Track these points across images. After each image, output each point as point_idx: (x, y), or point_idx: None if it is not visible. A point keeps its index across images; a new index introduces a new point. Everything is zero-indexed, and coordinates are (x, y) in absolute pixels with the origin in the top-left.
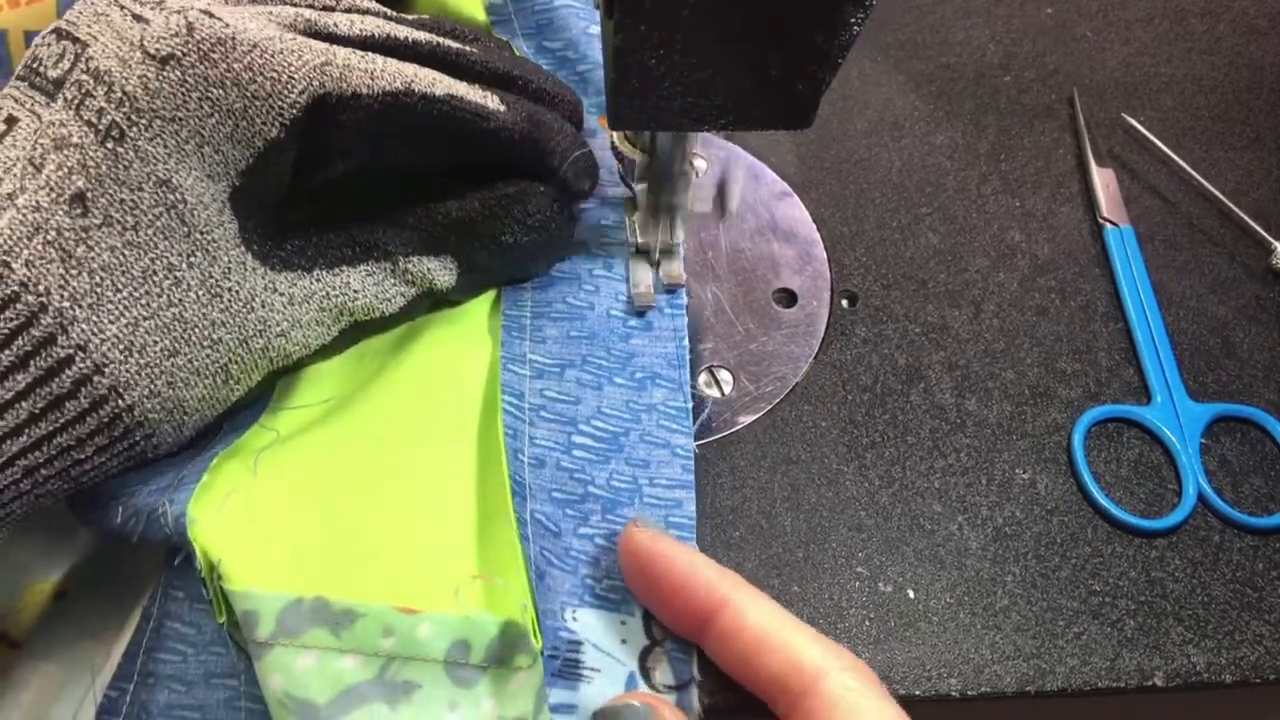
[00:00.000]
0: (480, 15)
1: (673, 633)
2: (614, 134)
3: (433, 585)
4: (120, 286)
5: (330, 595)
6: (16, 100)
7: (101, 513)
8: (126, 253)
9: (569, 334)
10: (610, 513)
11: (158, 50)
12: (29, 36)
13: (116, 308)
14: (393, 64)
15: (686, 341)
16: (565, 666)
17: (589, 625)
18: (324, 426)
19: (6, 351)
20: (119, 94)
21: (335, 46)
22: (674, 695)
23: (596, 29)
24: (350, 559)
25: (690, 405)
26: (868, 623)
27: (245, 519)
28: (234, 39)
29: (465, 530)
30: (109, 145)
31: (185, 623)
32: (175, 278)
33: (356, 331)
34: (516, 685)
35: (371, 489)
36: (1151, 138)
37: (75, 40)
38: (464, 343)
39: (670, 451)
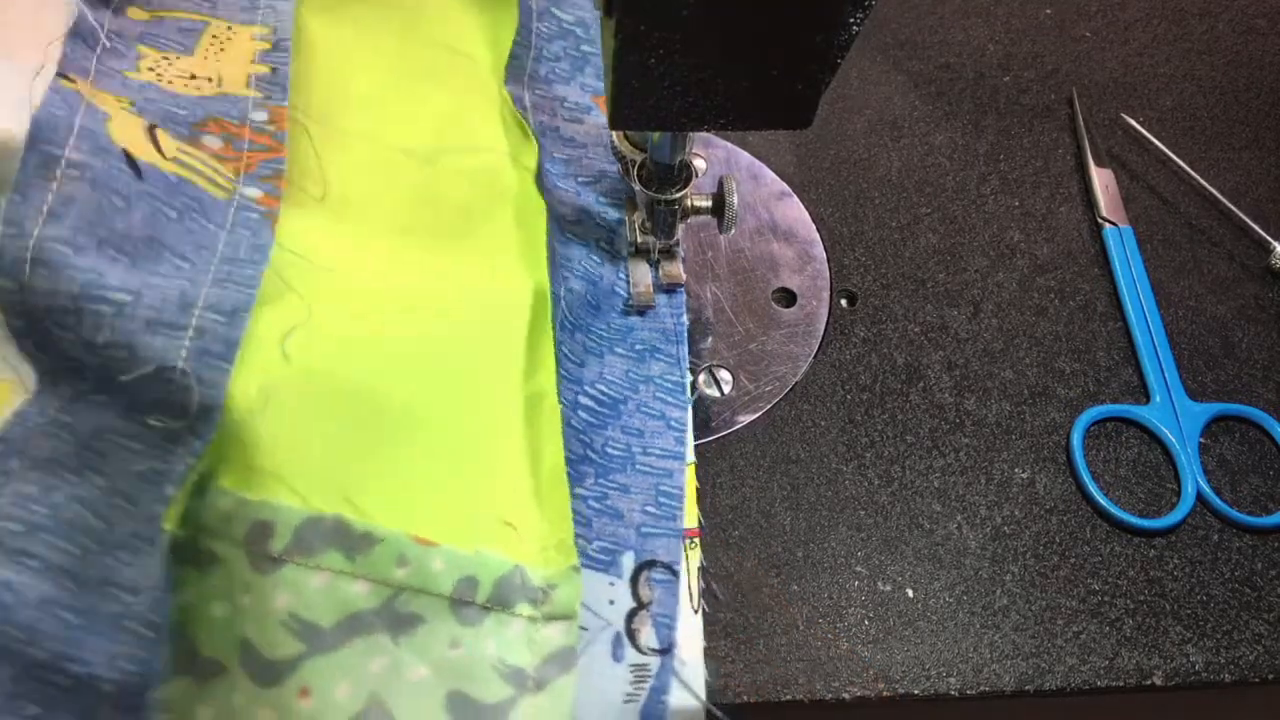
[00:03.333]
0: None
1: (659, 596)
2: (614, 134)
3: (455, 517)
4: None
5: (351, 515)
6: None
7: (52, 315)
8: None
9: (586, 295)
10: (603, 477)
11: None
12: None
13: None
14: None
15: (685, 318)
16: None
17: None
18: (356, 314)
19: None
20: None
21: None
22: (658, 659)
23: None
24: (376, 476)
25: (688, 380)
26: (867, 622)
27: (274, 418)
28: None
29: (502, 470)
30: None
31: (97, 514)
32: None
33: None
34: (514, 633)
35: (408, 405)
36: (1151, 138)
37: None
38: (501, 260)
39: (665, 423)
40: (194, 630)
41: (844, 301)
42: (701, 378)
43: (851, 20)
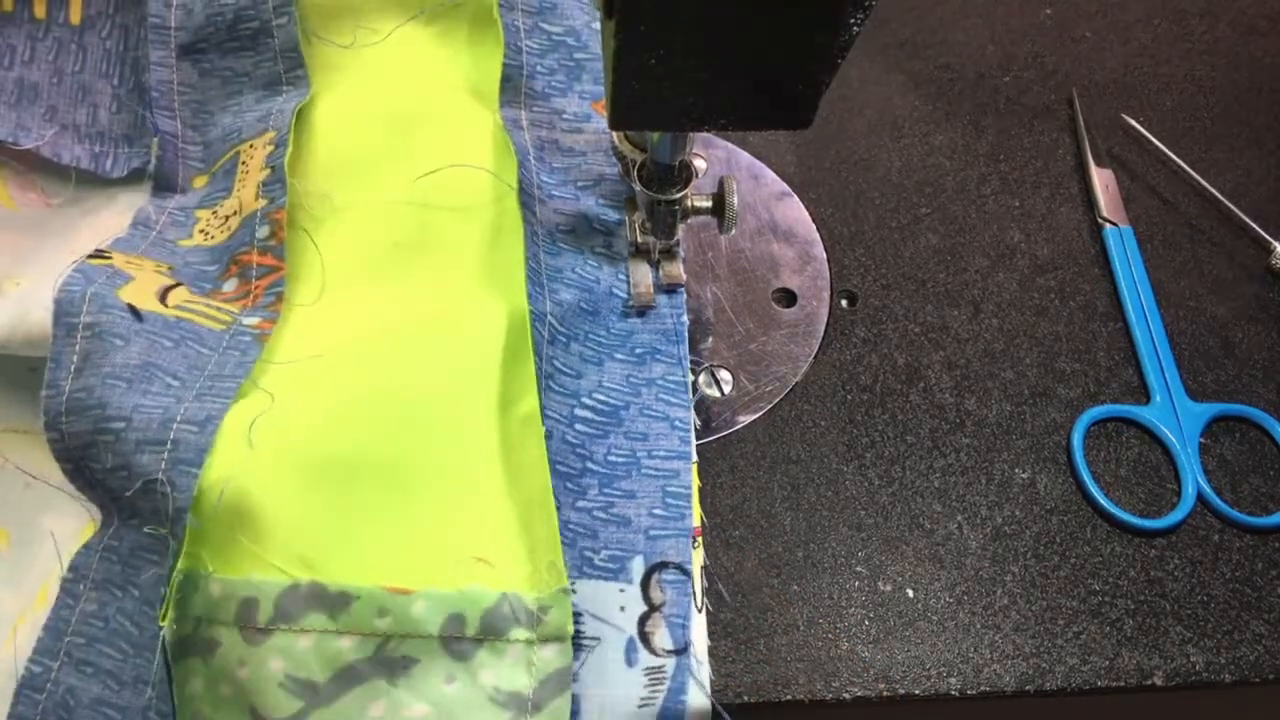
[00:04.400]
0: None
1: (671, 597)
2: (614, 134)
3: (429, 563)
4: None
5: (325, 579)
6: None
7: (84, 452)
8: None
9: (579, 304)
10: (608, 486)
11: None
12: None
13: None
14: None
15: (685, 317)
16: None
17: (587, 596)
18: (320, 388)
19: None
20: None
21: None
22: (673, 659)
23: (599, 23)
24: (345, 539)
25: (690, 380)
26: (867, 622)
27: (242, 505)
28: None
29: (477, 508)
30: None
31: (134, 622)
32: None
33: None
34: (511, 658)
35: (377, 462)
36: (1151, 138)
37: None
38: (471, 290)
39: (669, 424)
40: (209, 713)
41: (844, 302)
42: (702, 378)
43: (852, 20)
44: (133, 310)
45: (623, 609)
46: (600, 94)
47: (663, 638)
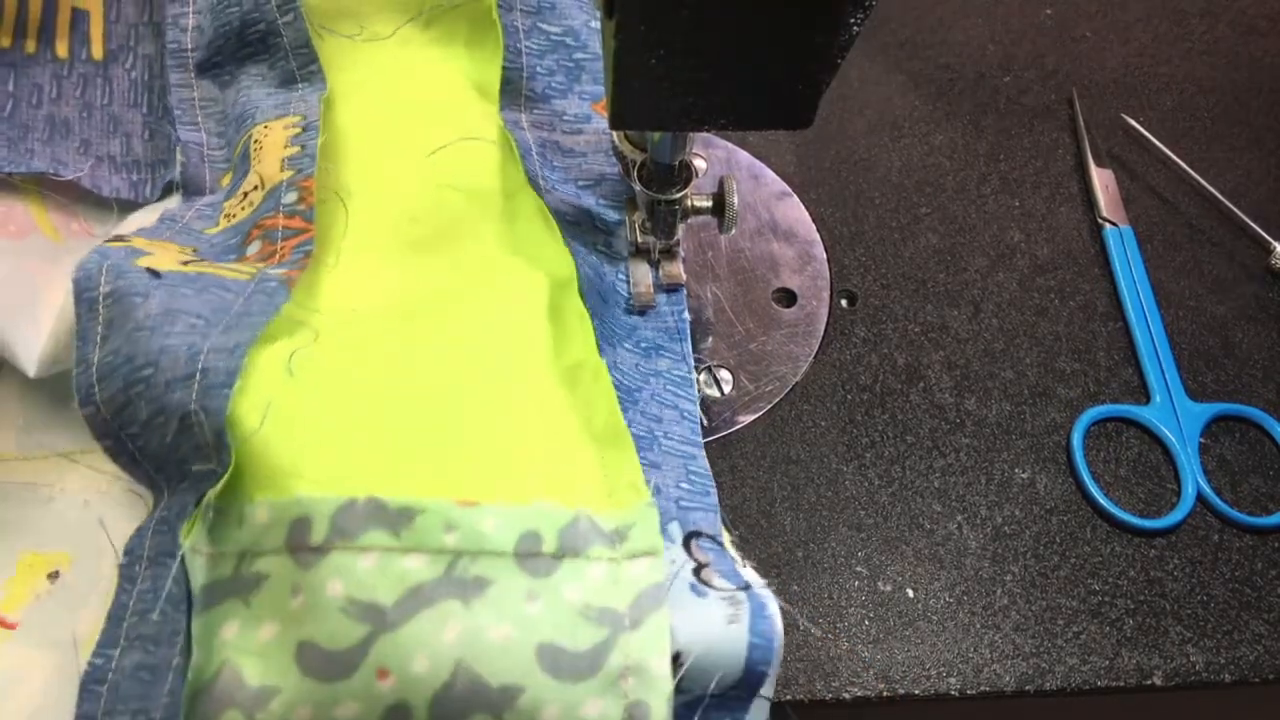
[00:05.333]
0: None
1: (715, 560)
2: (614, 134)
3: (500, 477)
4: None
5: (384, 494)
6: None
7: (120, 416)
8: None
9: (597, 288)
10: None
11: None
12: None
13: None
14: None
15: (687, 315)
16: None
17: None
18: (360, 329)
19: None
20: None
21: None
22: (743, 592)
23: (598, 23)
24: (403, 454)
25: (694, 376)
26: (867, 622)
27: (286, 427)
28: None
29: (547, 429)
30: None
31: (176, 580)
32: None
33: None
34: (597, 575)
35: (425, 390)
36: (1151, 138)
37: None
38: (502, 260)
39: (679, 413)
40: (240, 662)
41: (844, 301)
42: (702, 378)
43: (852, 20)
44: (151, 271)
45: (673, 562)
46: (600, 95)
47: (722, 581)
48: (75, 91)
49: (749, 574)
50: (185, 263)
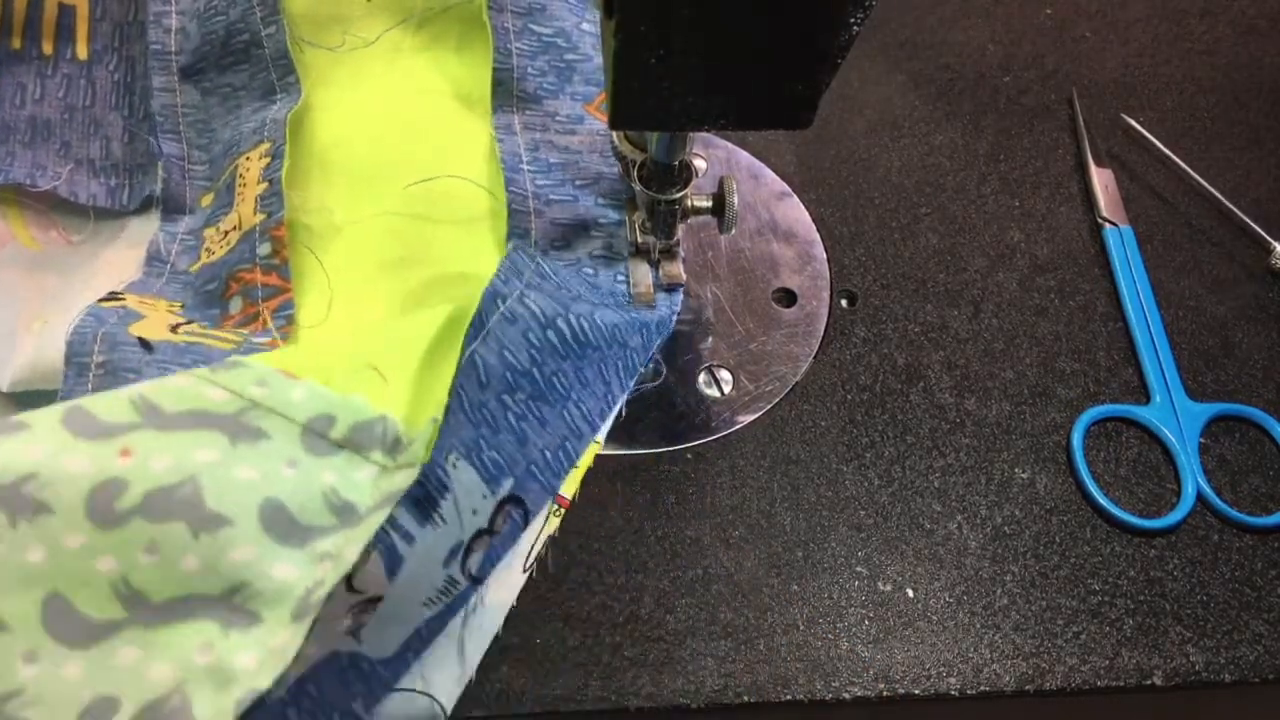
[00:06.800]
0: None
1: (505, 533)
2: (614, 134)
3: (328, 363)
4: None
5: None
6: None
7: None
8: None
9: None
10: (535, 400)
11: None
12: None
13: None
14: None
15: (674, 320)
16: (423, 500)
17: (461, 481)
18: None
19: None
20: None
21: None
22: (469, 585)
23: (589, 25)
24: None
25: (644, 370)
26: (867, 622)
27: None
28: None
29: (392, 341)
30: None
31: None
32: None
33: None
34: (363, 476)
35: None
36: (1151, 138)
37: None
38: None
39: (609, 398)
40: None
41: (844, 301)
42: (702, 378)
43: (852, 20)
44: (143, 343)
45: (475, 513)
46: (593, 96)
47: (475, 561)
48: (58, 92)
49: (507, 579)
50: (174, 327)
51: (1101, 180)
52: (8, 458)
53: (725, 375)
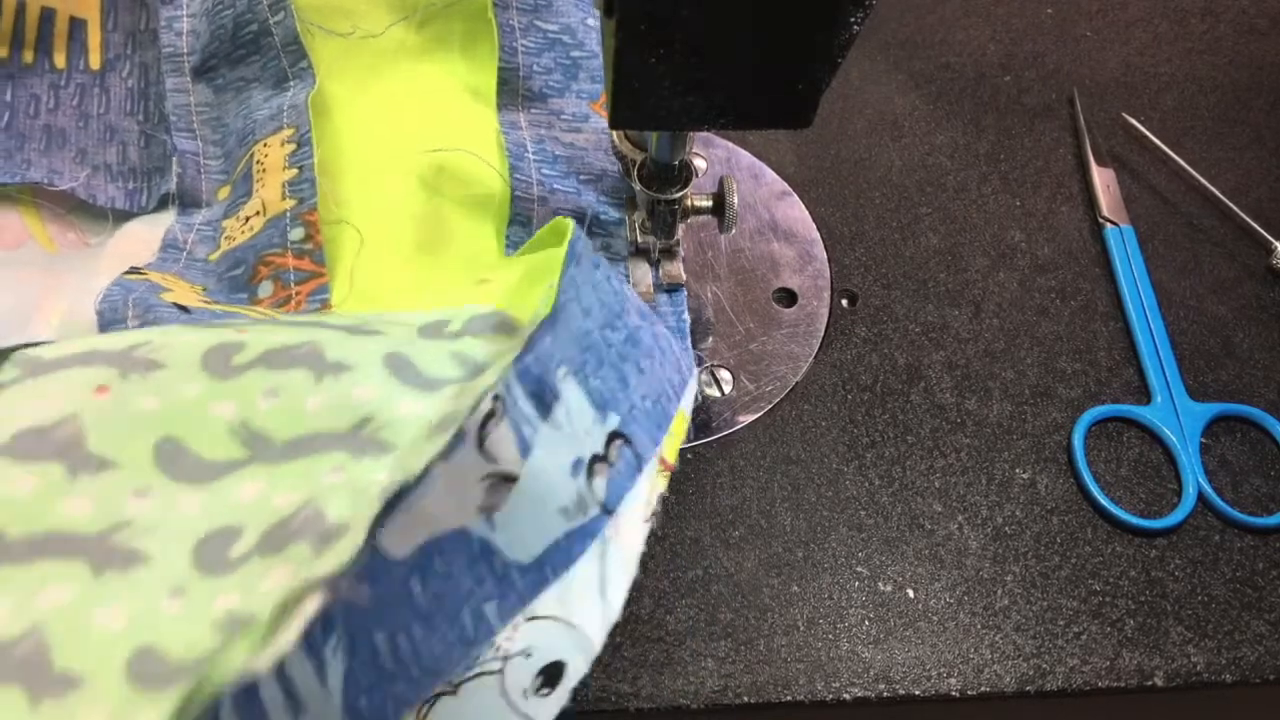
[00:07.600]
0: None
1: (621, 468)
2: (614, 134)
3: (435, 299)
4: None
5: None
6: None
7: None
8: None
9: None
10: (632, 346)
11: None
12: None
13: None
14: None
15: (687, 315)
16: (539, 396)
17: (570, 397)
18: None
19: None
20: None
21: None
22: (600, 511)
23: (595, 21)
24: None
25: (695, 374)
26: (867, 622)
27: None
28: None
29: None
30: None
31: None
32: None
33: None
34: (478, 347)
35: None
36: (1151, 137)
37: None
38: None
39: (676, 389)
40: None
41: (844, 301)
42: (702, 378)
43: (852, 20)
44: (180, 306)
45: (588, 434)
46: (598, 93)
47: (600, 488)
48: (72, 101)
49: (630, 519)
50: (205, 302)
51: (1102, 180)
52: (113, 337)
53: (725, 375)
